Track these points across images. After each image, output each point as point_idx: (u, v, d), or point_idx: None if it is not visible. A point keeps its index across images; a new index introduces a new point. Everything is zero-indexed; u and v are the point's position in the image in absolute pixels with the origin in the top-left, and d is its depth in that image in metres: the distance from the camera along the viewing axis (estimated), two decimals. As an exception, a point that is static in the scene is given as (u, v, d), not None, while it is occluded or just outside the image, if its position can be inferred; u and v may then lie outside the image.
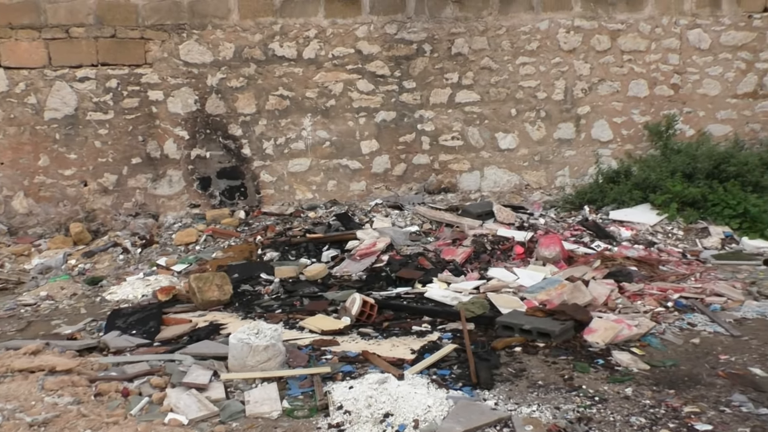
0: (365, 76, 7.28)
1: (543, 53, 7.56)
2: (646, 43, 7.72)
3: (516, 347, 3.52)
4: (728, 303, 4.15)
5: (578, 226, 6.28)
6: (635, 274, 4.74)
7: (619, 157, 7.72)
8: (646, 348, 3.45)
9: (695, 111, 7.91)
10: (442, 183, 7.60)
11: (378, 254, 5.60)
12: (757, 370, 3.05)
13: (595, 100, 7.72)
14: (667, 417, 2.62)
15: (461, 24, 7.38)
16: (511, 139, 7.62)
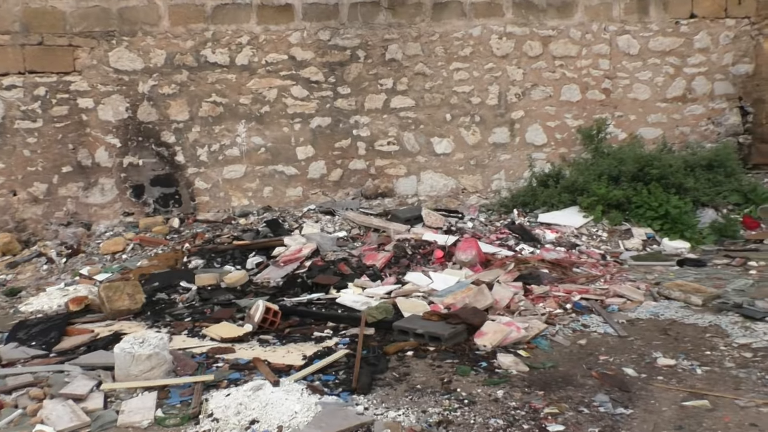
0: (299, 82, 7.29)
1: (476, 59, 7.66)
2: (577, 48, 7.88)
3: (408, 351, 3.57)
4: (627, 304, 4.26)
5: (505, 229, 6.38)
6: (545, 276, 4.82)
7: (553, 160, 7.86)
8: (533, 350, 3.52)
9: (626, 115, 8.09)
10: (379, 188, 7.64)
11: (302, 260, 5.60)
12: (630, 370, 3.13)
13: (528, 105, 7.84)
14: (526, 418, 2.68)
15: (394, 30, 7.44)
16: (447, 143, 7.70)
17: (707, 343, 3.44)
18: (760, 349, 3.30)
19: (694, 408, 2.68)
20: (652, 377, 3.03)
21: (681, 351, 3.35)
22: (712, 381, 2.95)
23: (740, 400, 2.71)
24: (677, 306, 4.16)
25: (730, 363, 3.15)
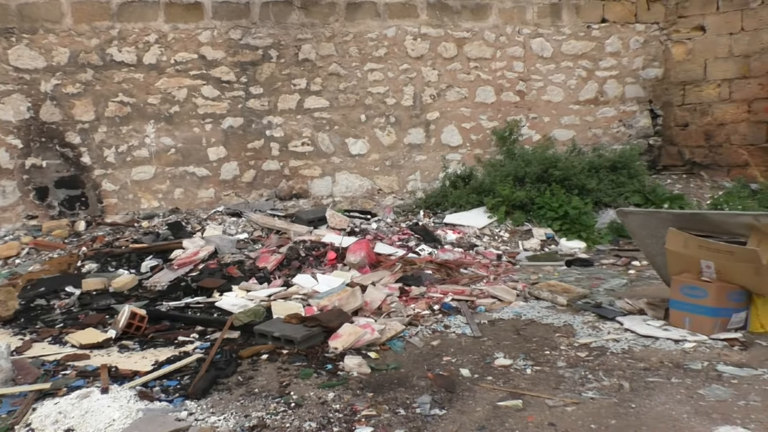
0: (210, 81, 7.21)
1: (391, 60, 7.71)
2: (492, 50, 8.00)
3: (263, 355, 3.58)
4: (496, 304, 4.34)
5: (408, 230, 6.44)
6: (427, 277, 4.89)
7: (469, 161, 7.97)
8: (386, 351, 3.57)
9: (540, 117, 8.25)
10: (294, 189, 7.62)
11: (197, 263, 5.56)
12: (465, 371, 3.20)
13: (444, 106, 7.93)
14: (340, 421, 2.71)
15: (308, 30, 7.43)
16: (362, 144, 7.73)
17: (551, 343, 3.53)
18: (596, 349, 3.41)
19: (506, 408, 2.75)
20: (483, 378, 3.10)
21: (523, 351, 3.43)
22: (537, 381, 3.03)
23: (551, 399, 2.80)
24: (543, 306, 4.26)
25: (563, 363, 3.24)
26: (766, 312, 3.52)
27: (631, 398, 2.77)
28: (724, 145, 8.08)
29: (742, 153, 7.92)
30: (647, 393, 2.81)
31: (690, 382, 2.90)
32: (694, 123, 8.32)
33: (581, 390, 2.89)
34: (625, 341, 3.48)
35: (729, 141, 8.03)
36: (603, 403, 2.74)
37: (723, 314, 3.47)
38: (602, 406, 2.71)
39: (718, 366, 3.05)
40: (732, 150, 8.01)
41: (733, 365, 3.06)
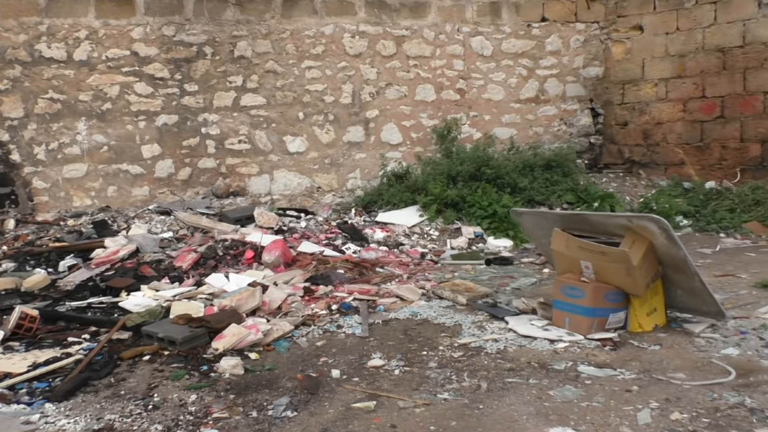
0: (143, 78, 7.15)
1: (329, 57, 7.69)
2: (431, 49, 8.01)
3: (146, 356, 3.56)
4: (397, 303, 4.36)
5: (336, 228, 6.44)
6: (338, 277, 4.89)
7: (409, 160, 7.98)
8: (269, 352, 3.57)
9: (481, 115, 8.29)
10: (231, 187, 7.59)
11: (116, 262, 5.51)
12: (336, 371, 3.19)
13: (383, 104, 7.93)
14: (188, 424, 2.70)
15: (243, 27, 7.38)
16: (300, 142, 7.71)
17: (433, 343, 3.55)
18: (473, 349, 3.43)
19: (358, 410, 2.76)
20: (350, 379, 3.11)
21: (402, 351, 3.44)
22: (401, 382, 3.04)
23: (405, 401, 2.81)
24: (443, 306, 4.29)
25: (434, 363, 3.26)
26: (642, 312, 3.57)
27: (483, 399, 2.79)
28: (661, 144, 8.18)
29: (678, 152, 8.02)
30: (501, 394, 2.84)
31: (546, 383, 2.93)
32: (633, 122, 8.41)
33: (439, 391, 2.91)
34: (504, 341, 3.51)
35: (666, 140, 8.12)
36: (453, 404, 2.76)
37: (600, 314, 3.52)
38: (451, 407, 2.73)
39: (580, 367, 3.09)
40: (669, 149, 8.11)
41: (595, 366, 3.09)
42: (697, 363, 3.07)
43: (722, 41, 7.50)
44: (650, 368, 3.03)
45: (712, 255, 5.60)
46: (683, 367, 3.04)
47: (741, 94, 7.43)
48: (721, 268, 5.05)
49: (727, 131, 7.59)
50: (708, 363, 3.06)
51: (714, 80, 7.62)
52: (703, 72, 7.69)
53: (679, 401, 2.65)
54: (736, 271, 4.93)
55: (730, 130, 7.57)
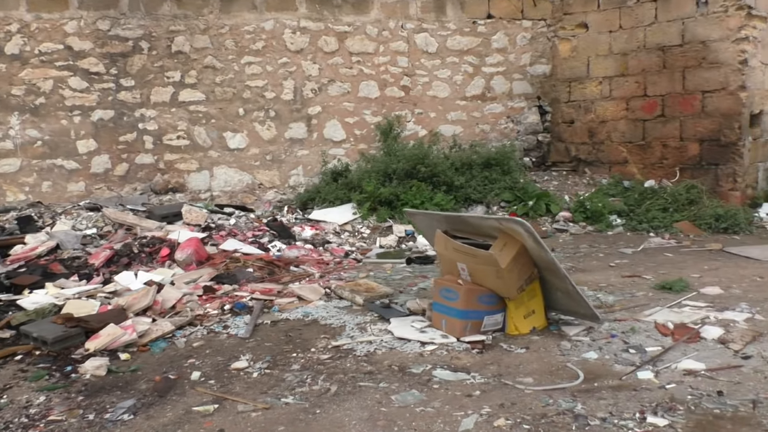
0: (78, 73, 7.08)
1: (269, 53, 7.64)
2: (375, 45, 7.96)
3: (18, 356, 3.53)
4: (294, 303, 4.33)
5: (264, 226, 6.41)
6: (245, 275, 4.87)
7: (353, 157, 7.95)
8: (145, 352, 3.54)
9: (426, 112, 8.25)
10: (169, 183, 7.54)
11: (32, 259, 5.47)
12: (197, 373, 3.17)
13: (325, 101, 7.89)
14: (17, 426, 2.68)
15: (181, 22, 7.32)
16: (241, 138, 7.67)
17: (308, 345, 3.53)
18: (344, 351, 3.41)
19: (196, 413, 2.73)
20: (207, 381, 3.08)
21: (273, 353, 3.41)
22: (255, 384, 3.02)
23: (246, 404, 2.80)
24: (340, 306, 4.26)
25: (298, 366, 3.23)
26: (518, 315, 3.56)
27: (325, 404, 2.77)
28: (605, 142, 8.16)
29: (622, 150, 8.01)
30: (345, 399, 2.82)
31: (396, 387, 2.91)
32: (579, 120, 8.39)
33: (286, 395, 2.88)
34: (378, 344, 3.49)
35: (610, 138, 8.11)
36: (292, 408, 2.74)
37: (473, 317, 3.50)
38: (288, 412, 2.71)
39: (437, 371, 3.07)
40: (613, 147, 8.10)
41: (452, 370, 3.08)
42: (552, 367, 3.06)
43: (662, 40, 7.48)
44: (504, 372, 3.02)
45: (631, 255, 5.59)
46: (537, 371, 3.02)
47: (680, 93, 7.42)
48: (632, 269, 5.04)
49: (668, 130, 7.58)
50: (563, 367, 3.05)
51: (655, 79, 7.60)
52: (645, 71, 7.67)
53: (513, 407, 2.64)
54: (645, 271, 4.92)
55: (670, 129, 7.56)
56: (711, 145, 7.25)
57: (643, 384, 2.80)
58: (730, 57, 6.97)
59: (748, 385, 2.73)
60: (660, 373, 2.90)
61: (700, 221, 6.50)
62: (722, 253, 5.49)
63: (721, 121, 7.12)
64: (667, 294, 4.24)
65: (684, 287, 4.32)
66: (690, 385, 2.75)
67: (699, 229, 6.43)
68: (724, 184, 7.18)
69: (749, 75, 6.95)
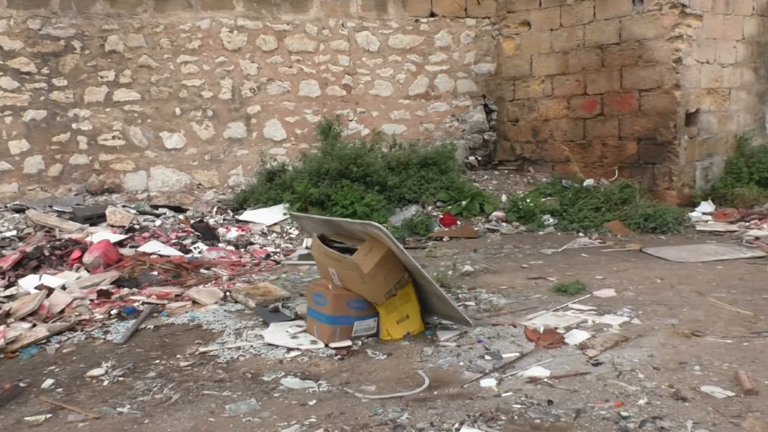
0: (8, 73, 7.00)
1: (206, 52, 7.57)
2: (314, 44, 7.90)
3: None
4: (185, 307, 4.29)
5: (189, 227, 6.35)
6: (148, 278, 4.82)
7: (294, 156, 7.89)
8: (13, 359, 3.49)
9: (369, 111, 8.20)
10: (105, 183, 7.48)
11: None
12: (49, 381, 3.12)
13: (265, 100, 7.83)
14: None
15: (114, 20, 7.24)
16: (178, 138, 7.60)
17: (177, 351, 3.49)
18: (208, 358, 3.36)
19: (26, 423, 2.66)
20: (56, 389, 3.02)
21: (138, 359, 3.37)
22: (101, 392, 2.96)
23: (77, 413, 2.75)
24: (232, 310, 4.22)
25: (154, 373, 3.19)
26: (390, 320, 3.51)
27: (158, 414, 2.73)
28: (548, 141, 8.12)
29: (564, 149, 7.97)
30: (180, 408, 2.77)
31: (237, 395, 2.87)
32: (523, 118, 8.34)
33: (125, 403, 2.84)
34: (246, 350, 3.45)
35: (552, 137, 8.07)
36: (124, 418, 2.70)
37: (342, 322, 3.46)
38: (117, 422, 2.67)
39: (287, 378, 3.02)
40: (555, 146, 8.06)
41: (302, 377, 3.03)
42: (403, 374, 3.02)
43: (601, 38, 7.43)
44: (353, 380, 2.98)
45: (550, 256, 5.55)
46: (387, 378, 2.98)
47: (618, 91, 7.37)
48: (542, 271, 5.00)
49: (607, 129, 7.54)
50: (414, 374, 3.00)
51: (594, 77, 7.56)
52: (585, 69, 7.62)
53: (341, 416, 2.60)
54: (554, 273, 4.88)
55: (609, 127, 7.52)
56: (648, 144, 7.22)
57: (482, 392, 2.76)
58: (665, 55, 6.93)
59: (583, 393, 2.70)
60: (504, 380, 2.87)
61: (629, 221, 6.46)
62: (639, 254, 5.46)
63: (657, 119, 7.09)
64: (561, 296, 4.21)
65: (579, 290, 4.28)
66: (526, 393, 2.72)
67: (628, 229, 6.39)
68: (661, 183, 7.15)
69: (684, 73, 6.92)
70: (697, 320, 3.58)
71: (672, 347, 3.17)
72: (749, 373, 2.77)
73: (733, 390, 2.62)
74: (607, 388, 2.73)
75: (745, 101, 7.72)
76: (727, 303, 3.88)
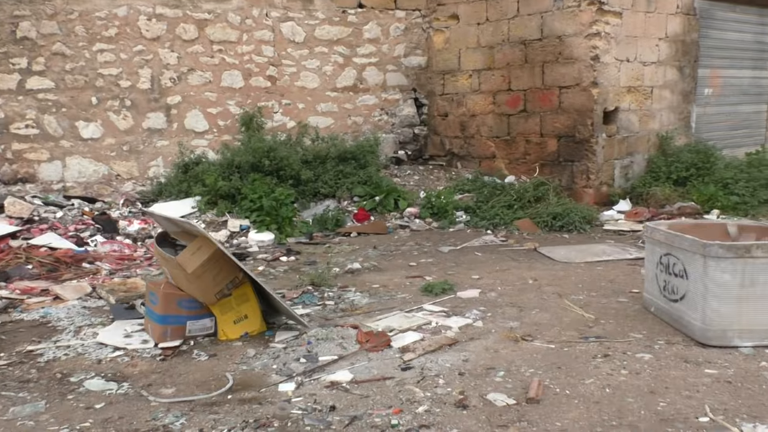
0: None
1: (123, 40, 7.41)
2: (237, 34, 7.76)
3: None
4: (44, 303, 4.20)
5: (90, 220, 6.25)
6: (19, 272, 4.72)
7: (216, 147, 7.77)
8: None
9: (294, 103, 8.09)
10: (18, 173, 7.31)
11: None
12: None
13: (186, 90, 7.69)
14: None
15: (26, 6, 7.06)
16: (95, 128, 7.45)
17: (7, 349, 3.40)
18: (31, 357, 3.28)
19: None
20: None
21: (-42, 358, 3.30)
22: None
23: None
24: (91, 306, 4.13)
25: (-35, 372, 3.13)
26: (227, 320, 3.45)
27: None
28: (475, 137, 8.06)
29: (490, 145, 7.91)
30: (-34, 409, 2.71)
31: (32, 396, 2.79)
32: (452, 113, 8.28)
33: None
34: (74, 349, 3.37)
35: (479, 132, 8.01)
36: None
37: (173, 322, 3.39)
38: None
39: (92, 380, 2.94)
40: (482, 141, 8.00)
41: (108, 379, 2.96)
42: (212, 376, 2.96)
43: (524, 33, 7.36)
44: (158, 382, 2.91)
45: (446, 254, 5.49)
46: (193, 381, 2.92)
47: (540, 88, 7.31)
48: (427, 269, 4.94)
49: (530, 125, 7.49)
50: (222, 377, 2.95)
51: (518, 73, 7.50)
52: (509, 64, 7.56)
53: (118, 420, 2.53)
54: (437, 272, 4.83)
55: (531, 124, 7.47)
56: (567, 142, 7.17)
57: (275, 396, 2.71)
58: (583, 53, 6.87)
59: (374, 399, 2.65)
60: (304, 384, 2.81)
61: (539, 219, 6.42)
62: (532, 253, 5.42)
63: (576, 117, 7.04)
64: (425, 297, 4.15)
65: (446, 290, 4.23)
66: (317, 398, 2.66)
67: (537, 227, 6.36)
68: (579, 181, 7.11)
69: (601, 71, 6.87)
70: (538, 323, 3.54)
71: (493, 352, 3.13)
72: (546, 381, 2.74)
73: (519, 398, 2.58)
74: (400, 394, 2.68)
75: (669, 100, 7.69)
76: (581, 305, 3.85)
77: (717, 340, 3.02)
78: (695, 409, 2.43)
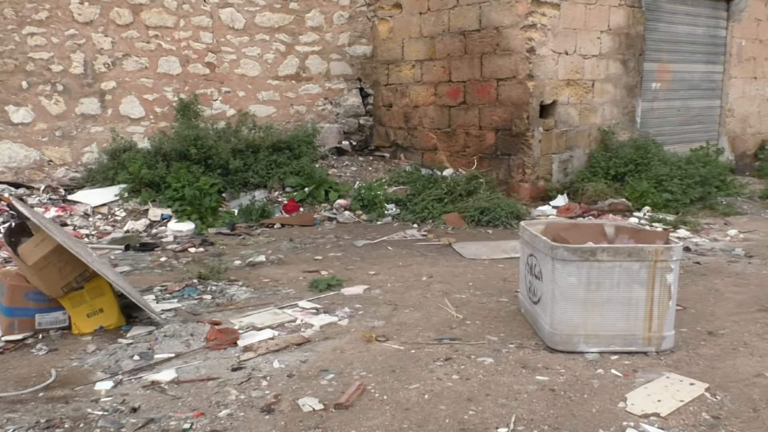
0: None
1: (54, 24, 7.24)
2: (174, 19, 7.60)
3: None
4: None
5: (6, 206, 6.13)
6: None
7: (153, 134, 7.63)
8: None
9: (234, 91, 7.94)
10: (-54, 157, 7.20)
11: None
12: None
13: (121, 76, 7.54)
14: None
15: (-48, -13, 6.91)
16: (25, 112, 7.29)
17: None
18: None
19: None
20: None
21: None
22: None
23: None
24: (-35, 296, 4.04)
25: None
26: (80, 314, 3.34)
27: None
28: (418, 128, 7.93)
29: (432, 137, 7.78)
30: None
31: None
32: (396, 104, 8.14)
33: None
34: None
35: (422, 124, 7.88)
36: None
37: (21, 314, 3.28)
38: None
39: None
40: (424, 133, 7.87)
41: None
42: (35, 372, 2.85)
43: (463, 24, 7.20)
44: (-22, 378, 2.82)
45: (358, 248, 5.37)
46: (15, 376, 2.81)
47: (479, 80, 7.17)
48: (330, 263, 4.83)
49: (469, 118, 7.35)
50: (46, 373, 2.84)
51: (458, 64, 7.35)
52: (450, 55, 7.41)
53: None
54: (336, 267, 4.70)
55: (471, 116, 7.33)
56: (504, 135, 7.05)
57: (88, 395, 2.61)
58: (519, 44, 6.73)
59: (185, 401, 2.54)
60: (123, 383, 2.71)
61: (466, 213, 6.31)
62: (444, 249, 5.30)
63: (513, 110, 6.91)
64: (310, 292, 4.05)
65: (332, 285, 4.13)
66: (126, 399, 2.56)
67: (464, 222, 6.24)
68: (515, 175, 6.99)
69: (537, 64, 6.72)
70: (403, 323, 3.44)
71: (339, 353, 3.03)
72: (371, 385, 2.63)
73: (330, 404, 2.48)
74: (214, 396, 2.58)
75: (612, 94, 7.55)
76: (459, 305, 3.74)
77: (563, 345, 2.92)
78: (501, 419, 2.33)
